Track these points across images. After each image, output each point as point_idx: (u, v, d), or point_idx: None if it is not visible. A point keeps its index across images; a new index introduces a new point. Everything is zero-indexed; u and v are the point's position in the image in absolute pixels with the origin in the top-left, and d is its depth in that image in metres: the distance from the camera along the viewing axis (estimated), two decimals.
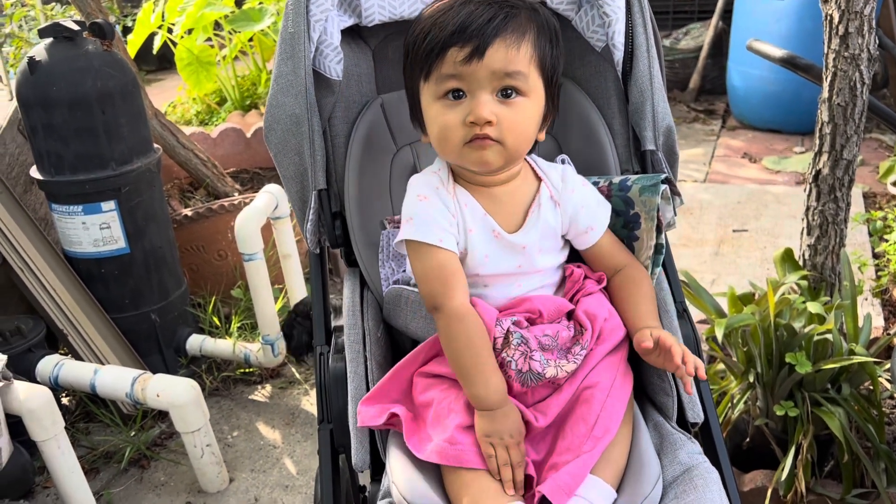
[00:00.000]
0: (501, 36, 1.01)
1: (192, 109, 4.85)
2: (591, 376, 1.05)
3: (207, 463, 2.00)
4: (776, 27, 4.08)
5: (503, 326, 1.03)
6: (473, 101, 1.03)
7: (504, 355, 1.02)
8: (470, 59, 1.01)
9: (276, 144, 1.24)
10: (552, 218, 1.13)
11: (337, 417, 1.14)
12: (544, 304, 1.09)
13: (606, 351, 1.07)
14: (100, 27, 2.21)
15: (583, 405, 1.03)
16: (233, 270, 2.71)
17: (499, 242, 1.10)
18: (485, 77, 1.02)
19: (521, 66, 1.03)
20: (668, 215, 1.16)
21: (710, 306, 1.92)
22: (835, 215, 1.86)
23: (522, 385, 1.02)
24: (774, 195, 3.62)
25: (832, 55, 1.75)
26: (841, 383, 1.73)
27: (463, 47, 1.01)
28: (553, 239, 1.14)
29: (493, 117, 1.02)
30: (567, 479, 0.97)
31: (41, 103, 2.12)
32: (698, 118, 4.77)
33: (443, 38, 1.02)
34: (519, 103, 1.04)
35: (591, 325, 1.07)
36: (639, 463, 1.00)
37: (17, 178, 2.49)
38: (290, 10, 1.19)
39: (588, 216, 1.15)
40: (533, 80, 1.05)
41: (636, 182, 1.18)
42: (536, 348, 1.03)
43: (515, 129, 1.05)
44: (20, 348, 2.10)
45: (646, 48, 1.23)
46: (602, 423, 1.01)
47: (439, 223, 1.07)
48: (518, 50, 1.02)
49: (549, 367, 1.02)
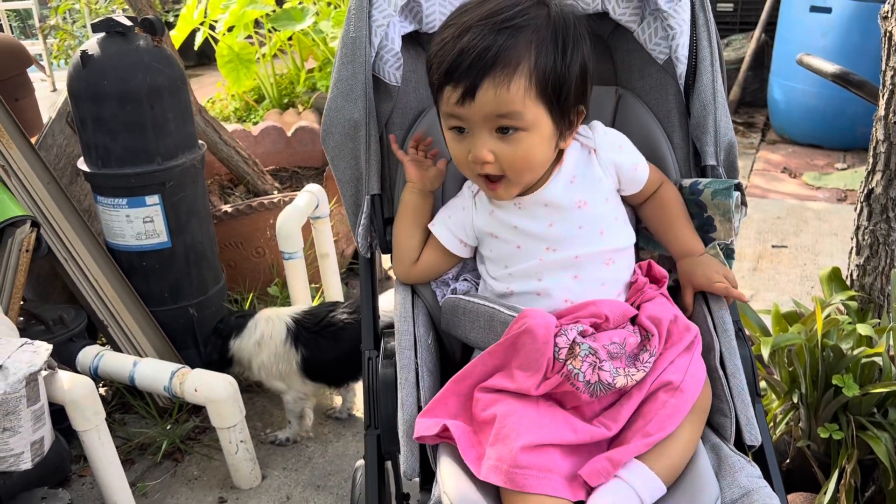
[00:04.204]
0: (490, 75, 1.00)
1: (231, 106, 4.90)
2: (662, 377, 1.03)
3: (241, 459, 2.02)
4: (821, 41, 4.02)
5: (568, 336, 1.01)
6: (472, 140, 1.06)
7: (570, 367, 1.00)
8: (463, 102, 1.03)
9: (332, 148, 1.24)
10: (585, 165, 1.14)
11: (385, 423, 1.13)
12: (611, 308, 1.07)
13: (677, 353, 1.05)
14: (151, 23, 2.24)
15: (647, 404, 1.02)
16: (270, 268, 2.73)
17: (522, 211, 1.13)
18: (479, 119, 1.04)
19: (514, 104, 1.02)
20: (736, 224, 1.15)
21: (754, 323, 1.89)
22: (886, 235, 1.83)
23: (591, 396, 1.00)
24: (815, 211, 3.56)
25: (890, 72, 1.72)
26: (888, 408, 1.69)
27: (455, 88, 1.03)
28: (596, 186, 1.14)
29: (491, 156, 1.05)
30: (606, 464, 0.97)
31: (91, 97, 2.15)
32: (738, 130, 4.72)
33: (439, 76, 1.04)
34: (518, 138, 1.05)
35: (658, 330, 1.06)
36: (698, 483, 0.98)
37: (63, 169, 2.53)
38: (353, 15, 1.19)
39: (629, 153, 1.18)
40: (531, 113, 1.03)
41: (708, 186, 1.18)
42: (606, 358, 1.01)
43: (516, 163, 1.06)
44: (62, 337, 2.13)
45: (710, 62, 1.21)
46: (657, 421, 0.99)
47: (443, 213, 1.22)
48: (508, 89, 1.01)
49: (620, 377, 1.00)
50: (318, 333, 2.08)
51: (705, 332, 1.12)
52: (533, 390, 1.00)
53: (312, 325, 2.09)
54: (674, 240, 1.20)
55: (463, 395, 1.05)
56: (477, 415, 1.02)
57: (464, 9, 1.06)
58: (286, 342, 2.07)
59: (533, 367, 1.00)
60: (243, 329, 2.13)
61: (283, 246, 2.29)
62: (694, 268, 1.16)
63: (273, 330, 2.09)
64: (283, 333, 2.08)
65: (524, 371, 1.01)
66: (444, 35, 1.05)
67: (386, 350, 1.19)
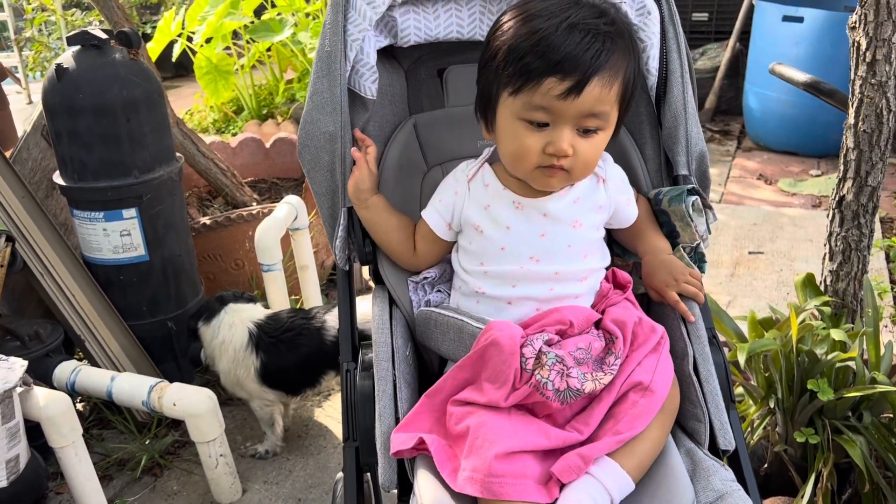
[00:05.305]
0: (600, 74, 1.01)
1: (209, 117, 4.89)
2: (631, 378, 1.04)
3: (221, 473, 2.00)
4: (794, 50, 4.09)
5: (534, 346, 1.02)
6: (555, 133, 1.04)
7: (538, 377, 1.01)
8: (567, 96, 1.01)
9: (309, 161, 1.25)
10: (592, 190, 1.16)
11: (364, 436, 1.13)
12: (575, 314, 1.09)
13: (644, 354, 1.07)
14: (127, 36, 2.23)
15: (618, 405, 1.04)
16: (249, 280, 2.72)
17: (520, 213, 1.13)
18: (573, 115, 1.03)
19: (609, 105, 1.04)
20: (701, 228, 1.17)
21: (731, 330, 1.91)
22: (858, 241, 1.86)
23: (562, 403, 1.01)
24: (790, 217, 3.61)
25: (859, 81, 1.75)
26: (862, 411, 1.72)
27: (562, 81, 1.00)
28: (595, 212, 1.17)
29: (571, 150, 1.04)
30: (577, 460, 0.98)
31: (67, 110, 2.13)
32: (714, 138, 4.77)
33: (543, 67, 1.00)
34: (596, 137, 1.07)
35: (622, 333, 1.07)
36: (673, 486, 0.99)
37: (39, 182, 2.50)
38: (328, 30, 1.19)
39: (626, 188, 1.21)
40: (613, 115, 1.07)
41: (666, 194, 1.21)
42: (573, 364, 1.02)
43: (589, 160, 1.08)
44: (38, 353, 2.10)
45: (680, 74, 1.23)
46: (628, 420, 1.01)
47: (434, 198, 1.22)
48: (611, 90, 1.03)
49: (588, 382, 1.02)
50: (277, 339, 2.06)
51: (679, 338, 1.14)
52: (502, 402, 1.01)
53: (273, 331, 2.07)
54: (643, 244, 1.23)
55: (436, 409, 1.06)
56: (451, 428, 1.03)
57: (538, 6, 1.04)
58: (246, 348, 2.05)
59: (501, 379, 1.01)
60: (213, 316, 2.11)
61: (261, 258, 2.29)
62: (658, 268, 1.19)
63: (234, 335, 2.07)
64: (243, 339, 2.05)
65: (493, 383, 1.02)
66: (538, 26, 1.01)
67: (364, 362, 1.19)
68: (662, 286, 1.17)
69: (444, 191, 1.21)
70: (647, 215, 1.24)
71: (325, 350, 2.02)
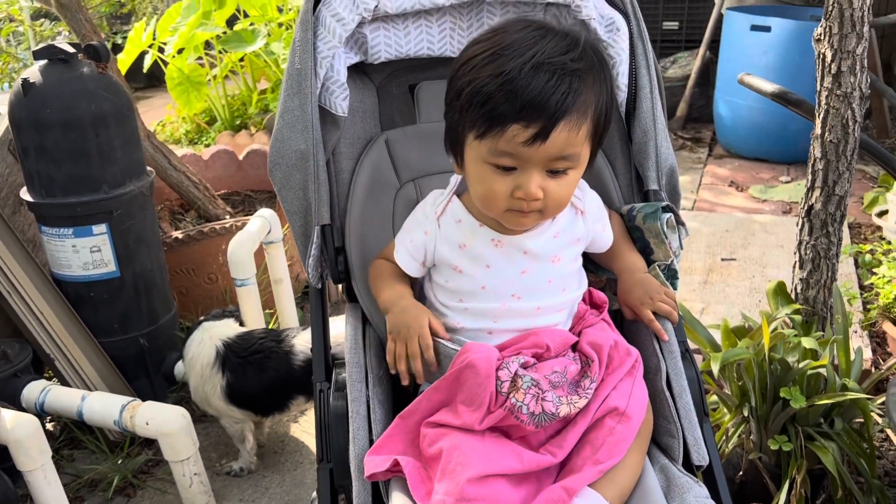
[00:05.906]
0: (567, 118, 0.97)
1: (182, 128, 4.84)
2: (607, 403, 1.04)
3: (196, 492, 1.97)
4: (763, 59, 4.15)
5: (510, 369, 1.02)
6: (523, 178, 1.01)
7: (513, 400, 1.00)
8: (532, 143, 0.97)
9: (280, 179, 1.24)
10: (571, 222, 1.15)
11: (337, 457, 1.12)
12: (551, 337, 1.08)
13: (619, 377, 1.07)
14: (95, 49, 2.20)
15: (594, 430, 1.03)
16: (223, 294, 2.69)
17: (499, 250, 1.11)
18: (541, 159, 0.99)
19: (578, 146, 1.01)
20: (674, 245, 1.18)
21: (704, 339, 1.93)
22: (827, 250, 1.88)
23: (536, 426, 1.01)
24: (761, 224, 3.65)
25: (825, 93, 1.78)
26: (834, 418, 1.74)
27: (527, 128, 0.96)
28: (573, 245, 1.16)
29: (541, 193, 1.01)
30: (561, 493, 0.97)
31: (34, 125, 2.10)
32: (685, 146, 4.82)
33: (507, 112, 0.96)
34: (567, 177, 1.04)
35: (598, 356, 1.07)
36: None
37: (5, 198, 2.46)
38: (298, 47, 1.19)
39: (602, 214, 1.21)
40: (584, 153, 1.04)
41: (640, 210, 1.21)
42: (548, 388, 1.02)
43: (561, 200, 1.05)
44: (6, 373, 2.06)
45: (649, 89, 1.24)
46: (607, 449, 1.01)
47: (404, 237, 1.18)
48: (579, 132, 0.99)
49: (563, 406, 1.01)
50: (245, 360, 2.04)
51: (651, 353, 1.14)
52: (477, 425, 1.00)
53: (241, 351, 2.05)
54: (618, 262, 1.23)
55: (410, 431, 1.05)
56: (424, 450, 1.02)
57: (505, 41, 1.00)
58: (213, 366, 2.03)
59: (476, 402, 1.01)
60: (192, 332, 2.11)
61: (234, 273, 2.26)
62: (633, 286, 1.19)
63: (202, 352, 2.05)
64: (210, 356, 2.03)
65: (468, 406, 1.01)
66: (503, 67, 0.97)
67: (337, 382, 1.18)
68: (638, 304, 1.17)
69: (413, 229, 1.17)
70: (622, 233, 1.24)
71: (293, 375, 2.00)
